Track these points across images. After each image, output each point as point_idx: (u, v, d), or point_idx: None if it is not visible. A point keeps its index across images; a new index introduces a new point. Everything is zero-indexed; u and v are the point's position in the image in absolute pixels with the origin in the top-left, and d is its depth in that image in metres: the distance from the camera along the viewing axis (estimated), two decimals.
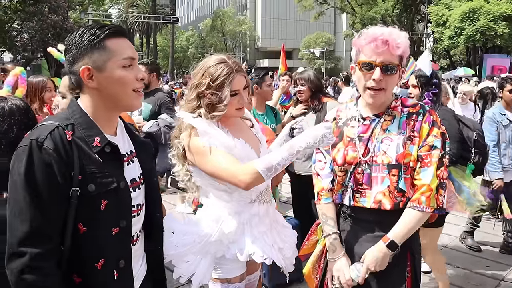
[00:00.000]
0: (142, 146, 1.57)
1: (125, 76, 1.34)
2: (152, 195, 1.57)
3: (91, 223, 1.30)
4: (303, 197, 3.80)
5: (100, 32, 1.32)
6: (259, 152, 1.94)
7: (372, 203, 1.81)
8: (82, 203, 1.28)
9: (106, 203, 1.31)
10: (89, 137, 1.32)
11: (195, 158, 1.80)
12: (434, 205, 1.76)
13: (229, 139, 1.81)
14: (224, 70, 1.79)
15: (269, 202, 1.98)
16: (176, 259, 1.86)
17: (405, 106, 1.84)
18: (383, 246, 1.76)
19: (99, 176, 1.31)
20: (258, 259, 1.84)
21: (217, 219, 1.86)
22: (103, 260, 1.33)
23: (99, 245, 1.32)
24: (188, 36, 55.93)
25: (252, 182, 1.69)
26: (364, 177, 1.82)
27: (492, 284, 3.67)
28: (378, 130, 1.82)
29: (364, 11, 35.54)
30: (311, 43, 48.31)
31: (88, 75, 1.32)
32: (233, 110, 1.85)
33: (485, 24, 25.35)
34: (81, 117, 1.35)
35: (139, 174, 1.50)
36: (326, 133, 1.67)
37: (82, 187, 1.27)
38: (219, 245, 1.86)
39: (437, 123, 1.80)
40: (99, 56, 1.31)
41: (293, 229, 2.21)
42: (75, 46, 1.33)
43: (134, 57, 1.38)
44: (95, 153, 1.32)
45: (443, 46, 29.25)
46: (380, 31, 1.72)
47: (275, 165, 1.67)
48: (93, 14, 30.17)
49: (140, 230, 1.52)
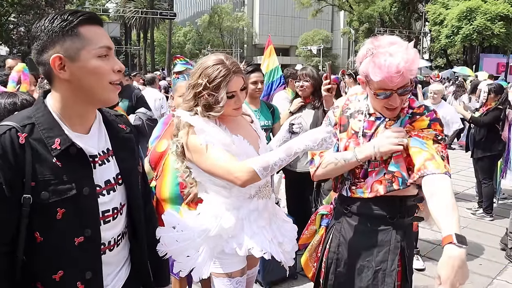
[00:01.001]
0: (123, 143, 1.43)
1: (101, 66, 1.22)
2: (133, 194, 1.44)
3: (48, 233, 1.20)
4: (300, 195, 3.84)
5: (73, 18, 1.19)
6: (258, 148, 1.96)
7: (369, 193, 1.85)
8: (36, 212, 1.17)
9: (63, 212, 1.20)
10: (48, 138, 1.19)
11: (193, 156, 1.81)
12: (442, 169, 1.65)
13: (226, 135, 1.82)
14: (222, 71, 1.78)
15: (268, 197, 2.00)
16: (176, 253, 1.88)
17: (411, 108, 1.87)
18: (450, 251, 1.40)
19: (55, 183, 1.18)
20: (257, 254, 1.86)
21: (216, 214, 1.88)
22: (62, 272, 1.23)
23: (57, 256, 1.22)
24: (186, 31, 55.74)
25: (247, 180, 1.70)
26: (361, 172, 1.88)
27: (484, 282, 3.71)
28: (381, 129, 1.85)
29: (362, 9, 35.53)
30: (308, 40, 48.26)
31: (59, 64, 1.19)
32: (230, 110, 1.86)
33: (482, 23, 25.38)
34: (43, 115, 1.22)
35: (115, 175, 1.37)
36: (326, 137, 1.68)
37: (35, 194, 1.16)
38: (218, 239, 1.88)
39: (440, 121, 1.84)
40: (72, 44, 1.18)
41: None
42: (45, 33, 1.18)
43: (110, 46, 1.25)
44: (54, 156, 1.19)
45: (440, 45, 29.28)
46: (395, 66, 1.63)
47: (272, 165, 1.68)
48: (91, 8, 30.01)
49: (120, 234, 1.41)
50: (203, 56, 2.15)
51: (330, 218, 2.08)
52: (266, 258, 1.88)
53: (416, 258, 4.07)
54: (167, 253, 1.82)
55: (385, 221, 1.88)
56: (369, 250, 1.89)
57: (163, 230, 1.84)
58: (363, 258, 1.90)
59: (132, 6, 44.02)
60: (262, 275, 3.43)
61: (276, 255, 1.92)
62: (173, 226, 1.91)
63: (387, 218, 1.87)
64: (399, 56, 1.64)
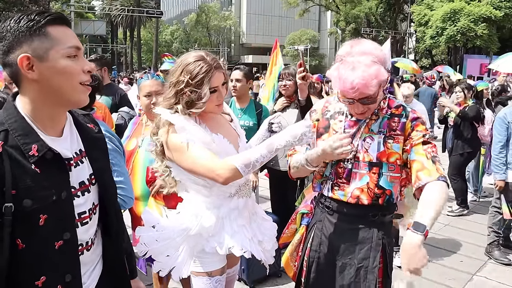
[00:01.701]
0: (94, 143, 1.42)
1: (70, 66, 1.20)
2: (107, 193, 1.44)
3: (30, 239, 1.18)
4: (283, 193, 3.85)
5: (40, 18, 1.18)
6: (237, 146, 1.96)
7: (349, 198, 1.87)
8: (18, 219, 1.14)
9: (46, 218, 1.18)
10: (25, 145, 1.17)
11: (173, 155, 1.80)
12: (435, 175, 1.71)
13: (206, 134, 1.81)
14: (203, 67, 1.78)
15: (248, 196, 2.00)
16: (156, 253, 1.87)
17: (389, 108, 1.89)
18: (407, 237, 1.60)
19: (36, 190, 1.16)
20: (237, 253, 1.86)
21: (196, 213, 1.87)
22: (44, 278, 1.21)
23: (39, 262, 1.21)
24: (173, 30, 55.36)
25: (229, 177, 1.70)
26: (345, 172, 1.88)
27: (465, 278, 3.78)
28: (363, 128, 1.87)
29: (348, 9, 35.74)
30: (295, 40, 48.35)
31: (27, 64, 1.16)
32: (212, 107, 1.86)
33: (465, 25, 25.77)
34: (16, 121, 1.18)
35: (88, 176, 1.37)
36: (306, 131, 1.70)
37: (17, 202, 1.14)
38: (199, 238, 1.87)
39: (422, 120, 1.86)
40: (40, 43, 1.17)
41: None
42: (11, 33, 1.16)
43: (79, 46, 1.24)
44: (31, 163, 1.17)
45: (425, 46, 29.64)
46: (350, 82, 1.69)
47: (253, 162, 1.69)
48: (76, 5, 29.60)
49: (95, 232, 1.41)
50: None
51: (311, 217, 2.09)
52: (246, 256, 1.88)
53: (398, 255, 4.11)
54: (147, 252, 1.82)
55: (367, 219, 1.89)
56: (351, 248, 1.91)
57: (143, 230, 1.84)
58: (345, 256, 1.91)
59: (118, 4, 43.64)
60: (246, 274, 3.44)
61: (257, 254, 1.93)
62: (153, 226, 1.90)
63: (369, 216, 1.89)
64: (358, 72, 1.69)
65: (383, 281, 1.91)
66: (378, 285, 1.88)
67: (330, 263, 1.95)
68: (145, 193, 2.49)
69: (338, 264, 1.92)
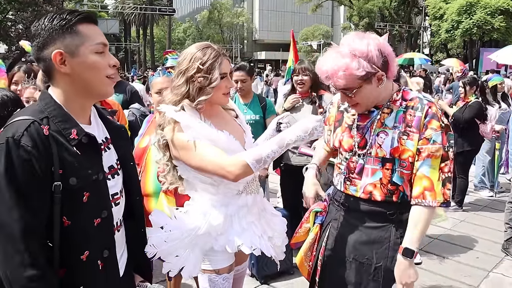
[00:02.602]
0: (117, 131, 1.55)
1: (98, 61, 1.32)
2: (131, 179, 1.57)
3: (75, 216, 1.30)
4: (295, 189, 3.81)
5: (71, 17, 1.29)
6: (244, 143, 1.94)
7: (361, 193, 1.84)
8: (65, 197, 1.27)
9: (88, 195, 1.31)
10: (65, 130, 1.29)
11: (180, 153, 1.78)
12: (440, 199, 1.73)
13: (213, 131, 1.79)
14: (212, 53, 1.80)
15: (257, 192, 1.98)
16: (165, 254, 1.85)
17: (404, 100, 1.82)
18: (399, 258, 1.76)
19: (79, 169, 1.29)
20: (246, 251, 1.84)
21: (204, 212, 1.85)
22: (88, 252, 1.33)
23: (83, 237, 1.32)
24: (185, 28, 55.62)
25: (240, 174, 1.69)
26: (357, 167, 1.85)
27: (481, 275, 3.71)
28: (376, 123, 1.83)
29: (362, 4, 35.39)
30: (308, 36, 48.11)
31: (60, 59, 1.28)
32: (220, 96, 1.85)
33: (482, 17, 25.30)
34: (55, 109, 1.31)
35: (115, 160, 1.50)
36: (317, 125, 1.68)
37: (64, 181, 1.26)
38: (207, 237, 1.85)
39: (437, 116, 1.76)
40: (72, 40, 1.28)
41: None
42: (45, 31, 1.28)
43: (106, 43, 1.36)
44: (73, 146, 1.29)
45: (440, 40, 29.23)
46: (321, 71, 1.76)
47: (265, 157, 1.67)
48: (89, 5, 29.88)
49: (121, 218, 1.53)
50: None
51: (325, 215, 2.05)
52: (256, 254, 1.86)
53: None
54: (156, 254, 1.81)
55: (384, 217, 1.84)
56: (368, 247, 1.86)
57: (151, 231, 1.82)
58: (361, 255, 1.87)
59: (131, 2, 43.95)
60: (256, 269, 3.43)
61: (266, 251, 1.91)
62: (161, 226, 1.88)
63: (387, 215, 1.83)
64: (329, 61, 1.73)
65: None
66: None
67: (346, 263, 1.90)
68: (157, 190, 2.48)
69: (355, 264, 1.88)
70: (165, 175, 1.94)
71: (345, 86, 1.73)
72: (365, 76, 1.70)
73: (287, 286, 3.45)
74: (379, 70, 1.72)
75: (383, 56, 1.72)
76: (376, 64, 1.70)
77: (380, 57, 1.71)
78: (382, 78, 1.74)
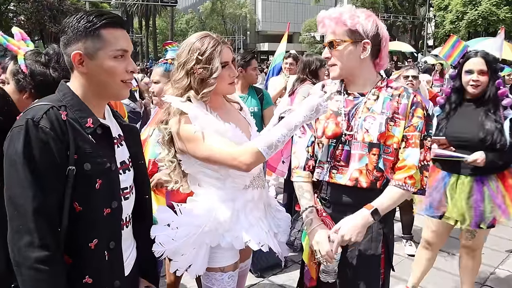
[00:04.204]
0: (130, 131, 1.60)
1: (115, 67, 1.36)
2: (141, 178, 1.61)
3: (87, 203, 1.33)
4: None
5: (97, 20, 1.33)
6: (249, 135, 1.91)
7: (347, 180, 1.80)
8: (78, 182, 1.30)
9: (101, 183, 1.34)
10: (82, 118, 1.34)
11: (187, 146, 1.74)
12: (418, 185, 1.78)
13: (220, 123, 1.76)
14: (210, 42, 1.76)
15: (262, 187, 1.94)
16: (172, 253, 1.80)
17: (390, 87, 1.85)
18: (366, 212, 1.72)
19: (94, 156, 1.33)
20: (255, 247, 1.81)
21: (210, 208, 1.81)
22: (96, 240, 1.35)
23: (93, 225, 1.35)
24: (188, 19, 55.40)
25: (253, 162, 1.66)
26: (343, 154, 1.82)
27: (487, 271, 3.67)
28: (361, 108, 1.81)
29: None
30: (312, 27, 47.80)
31: (79, 60, 1.34)
32: (225, 86, 1.81)
33: (487, 8, 25.11)
34: (72, 99, 1.36)
35: (127, 157, 1.53)
36: (321, 101, 1.66)
37: (78, 166, 1.29)
38: (214, 234, 1.81)
39: (421, 104, 1.81)
40: (92, 44, 1.33)
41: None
42: (71, 30, 1.34)
43: (127, 49, 1.39)
44: (88, 133, 1.34)
45: (444, 31, 28.94)
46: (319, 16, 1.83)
47: (275, 142, 1.64)
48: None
49: (130, 214, 1.55)
50: None
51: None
52: (264, 250, 1.84)
53: (409, 243, 4.06)
54: (164, 252, 1.76)
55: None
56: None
57: (158, 229, 1.76)
58: (345, 248, 1.84)
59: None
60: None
61: (274, 247, 1.88)
62: (168, 224, 1.82)
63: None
64: (328, 10, 1.81)
65: (385, 271, 1.90)
66: (381, 275, 1.86)
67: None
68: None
69: (341, 257, 1.83)
70: (170, 173, 1.89)
71: (332, 31, 1.77)
72: (352, 34, 1.75)
73: (287, 280, 3.42)
74: (367, 39, 1.75)
75: (377, 33, 1.77)
76: (366, 32, 1.75)
77: (374, 30, 1.76)
78: (366, 48, 1.75)
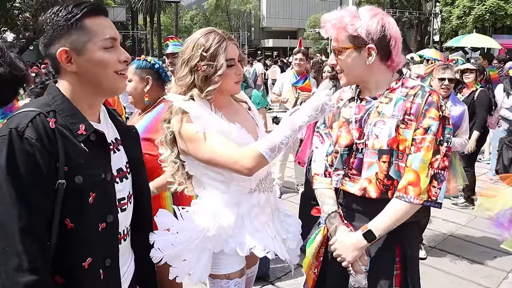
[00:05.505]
0: (127, 133, 1.48)
1: (107, 58, 1.24)
2: (140, 185, 1.49)
3: (79, 218, 1.22)
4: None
5: (77, 10, 1.21)
6: (256, 136, 1.83)
7: (357, 190, 1.70)
8: (69, 197, 1.18)
9: (95, 196, 1.23)
10: (73, 124, 1.22)
11: (188, 146, 1.67)
12: (424, 197, 1.59)
13: (224, 123, 1.68)
14: (216, 38, 1.68)
15: (270, 190, 1.86)
16: (171, 258, 1.73)
17: (405, 87, 1.70)
18: (359, 234, 1.66)
19: (86, 167, 1.21)
20: (260, 254, 1.74)
21: (213, 212, 1.74)
22: (90, 259, 1.24)
23: (86, 242, 1.24)
24: (192, 15, 55.33)
25: (255, 166, 1.57)
26: (355, 162, 1.72)
27: (499, 276, 3.55)
28: (373, 113, 1.70)
29: None
30: (316, 23, 47.52)
31: (66, 58, 1.22)
32: (231, 84, 1.74)
33: (495, 3, 24.84)
34: (62, 103, 1.24)
35: (125, 163, 1.42)
36: (326, 100, 1.56)
37: (69, 179, 1.18)
38: (217, 239, 1.74)
39: (437, 104, 1.62)
40: (78, 37, 1.21)
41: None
42: (50, 26, 1.21)
43: (115, 37, 1.28)
44: (80, 142, 1.22)
45: (451, 26, 28.66)
46: (324, 16, 1.73)
47: (278, 144, 1.55)
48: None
49: (128, 225, 1.45)
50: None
51: None
52: (270, 257, 1.76)
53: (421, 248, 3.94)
54: (163, 259, 1.69)
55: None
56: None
57: (157, 234, 1.70)
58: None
59: None
60: None
61: (281, 254, 1.80)
62: (167, 228, 1.76)
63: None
64: (330, 13, 1.71)
65: None
66: None
67: (342, 269, 1.75)
68: None
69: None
70: (173, 175, 1.83)
71: (335, 38, 1.69)
72: (354, 39, 1.64)
73: (292, 284, 3.34)
74: (372, 43, 1.63)
75: (384, 33, 1.63)
76: (371, 34, 1.62)
77: (379, 32, 1.62)
78: (371, 53, 1.63)
